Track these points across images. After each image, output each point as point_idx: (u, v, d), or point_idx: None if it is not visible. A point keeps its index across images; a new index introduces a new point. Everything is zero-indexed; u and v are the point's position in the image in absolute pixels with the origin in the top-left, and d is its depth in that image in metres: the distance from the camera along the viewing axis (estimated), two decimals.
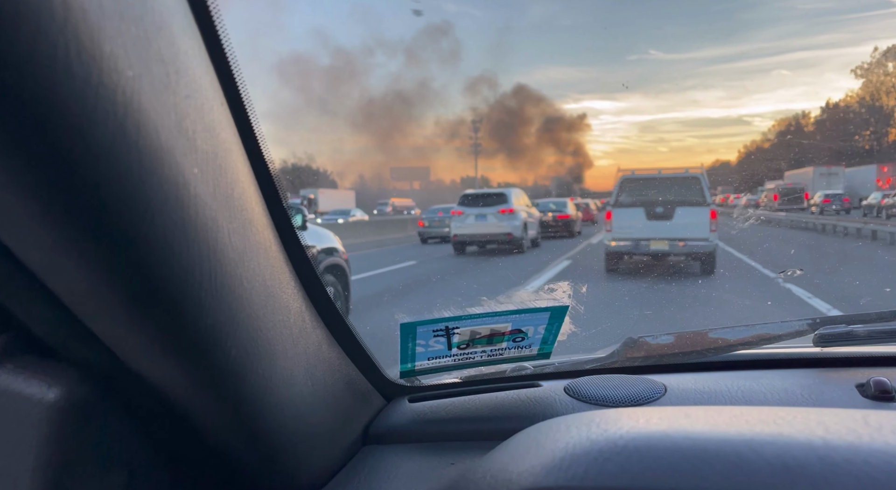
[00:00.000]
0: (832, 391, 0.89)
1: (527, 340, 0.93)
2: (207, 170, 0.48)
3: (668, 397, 0.92)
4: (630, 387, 0.94)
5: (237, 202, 0.54)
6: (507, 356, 0.95)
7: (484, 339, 0.91)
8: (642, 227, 9.72)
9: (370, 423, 0.94)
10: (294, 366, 0.68)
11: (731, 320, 1.31)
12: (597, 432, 0.48)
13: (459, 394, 0.99)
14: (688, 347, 1.04)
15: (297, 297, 0.70)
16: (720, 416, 0.48)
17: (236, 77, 0.55)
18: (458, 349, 0.91)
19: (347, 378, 0.85)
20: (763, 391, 0.90)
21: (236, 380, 0.58)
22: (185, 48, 0.46)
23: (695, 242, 9.37)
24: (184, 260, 0.46)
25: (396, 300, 8.52)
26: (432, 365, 0.92)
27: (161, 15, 0.42)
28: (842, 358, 1.00)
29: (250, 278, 0.56)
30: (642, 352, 1.05)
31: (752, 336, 1.02)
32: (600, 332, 4.41)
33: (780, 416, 0.46)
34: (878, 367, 0.97)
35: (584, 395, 0.93)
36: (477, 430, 0.91)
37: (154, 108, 0.40)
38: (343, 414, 0.84)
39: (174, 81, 0.43)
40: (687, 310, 6.77)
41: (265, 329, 0.60)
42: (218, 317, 0.52)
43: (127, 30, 0.37)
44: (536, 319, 0.90)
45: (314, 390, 0.74)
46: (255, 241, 0.58)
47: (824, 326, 0.99)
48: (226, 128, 0.53)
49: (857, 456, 0.38)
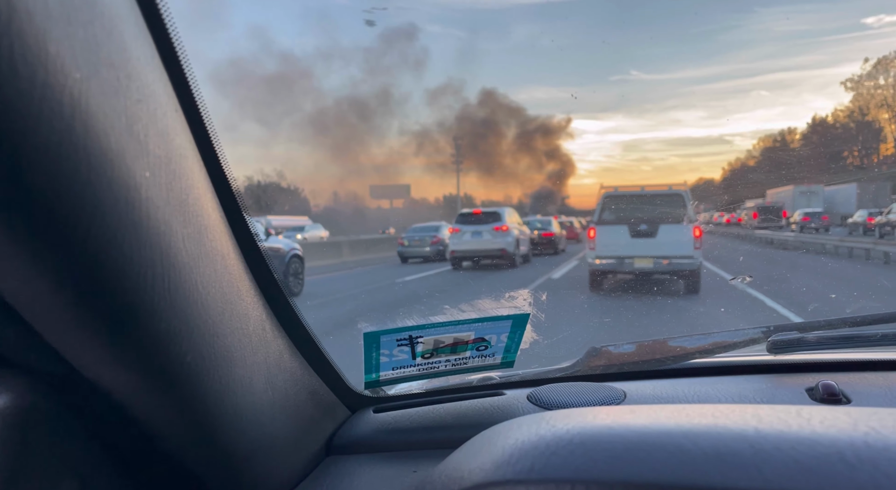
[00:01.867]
0: (783, 396, 0.91)
1: (490, 349, 0.95)
2: (160, 174, 0.49)
3: (628, 403, 0.94)
4: (591, 394, 0.96)
5: (192, 208, 0.55)
6: (470, 365, 0.96)
7: (448, 347, 0.92)
8: (626, 245, 9.65)
9: (334, 433, 0.94)
10: (253, 374, 0.68)
11: (694, 322, 1.35)
12: (545, 429, 0.49)
13: (424, 403, 1.00)
14: (648, 356, 1.06)
15: (257, 306, 0.71)
16: (662, 412, 0.50)
17: (191, 85, 0.56)
18: (423, 358, 0.92)
19: (310, 388, 0.86)
20: (718, 396, 0.93)
21: (192, 386, 0.58)
22: (137, 54, 0.47)
23: (679, 260, 9.35)
24: (134, 262, 0.47)
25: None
26: (397, 375, 0.93)
27: (111, 20, 0.44)
28: (793, 364, 1.03)
29: (206, 284, 0.56)
30: (604, 360, 1.07)
31: (709, 344, 1.05)
32: (563, 339, 4.43)
33: (718, 410, 0.48)
34: (827, 372, 1.00)
35: (546, 403, 0.95)
36: (441, 439, 0.92)
37: (103, 111, 0.41)
38: (306, 424, 0.85)
39: (125, 85, 0.44)
40: (650, 317, 7.20)
41: (222, 335, 0.61)
42: (171, 322, 0.52)
43: (74, 33, 0.39)
44: (499, 327, 0.92)
45: (274, 399, 0.74)
46: (211, 248, 0.59)
47: (777, 334, 1.02)
48: (180, 133, 0.54)
49: (786, 444, 0.40)
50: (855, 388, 0.90)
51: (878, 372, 0.99)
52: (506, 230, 16.22)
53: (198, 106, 0.57)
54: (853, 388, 0.90)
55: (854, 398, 0.87)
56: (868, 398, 0.87)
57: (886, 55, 72.05)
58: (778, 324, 1.06)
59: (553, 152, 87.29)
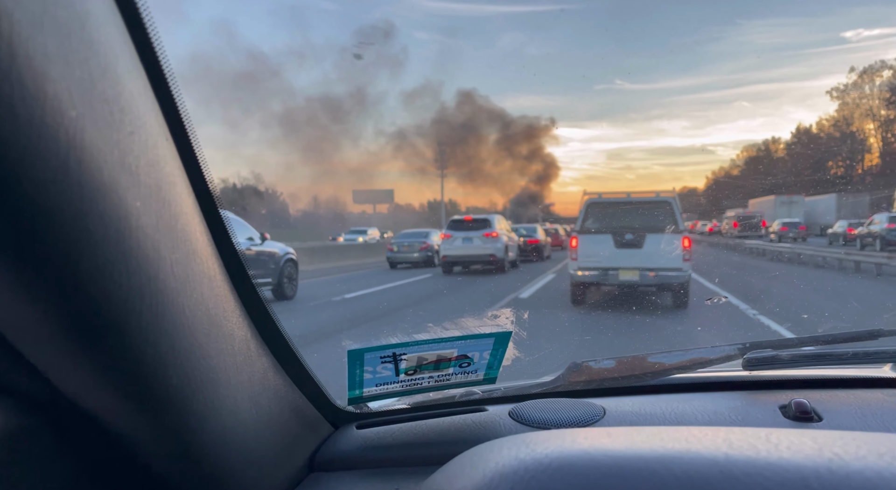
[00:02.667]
0: (757, 413, 0.94)
1: (473, 366, 0.96)
2: (150, 203, 0.50)
3: (607, 420, 0.96)
4: (571, 410, 0.98)
5: (181, 233, 0.56)
6: (453, 381, 0.98)
7: (431, 364, 0.94)
8: (610, 256, 8.95)
9: (317, 450, 0.95)
10: (238, 393, 0.69)
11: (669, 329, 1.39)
12: (525, 452, 0.51)
13: (407, 419, 1.01)
14: (627, 371, 1.08)
15: (242, 326, 0.72)
16: (638, 436, 0.52)
17: (181, 112, 0.57)
18: (406, 375, 0.93)
19: (294, 405, 0.86)
20: (694, 413, 0.95)
21: (177, 408, 0.59)
22: (130, 87, 0.48)
23: (667, 273, 8.61)
24: (124, 290, 0.48)
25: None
26: (380, 391, 0.94)
27: (106, 57, 0.45)
28: (767, 381, 1.06)
29: (193, 307, 0.58)
30: (585, 376, 1.09)
31: (687, 360, 1.07)
32: (544, 356, 4.49)
33: (692, 434, 0.50)
34: (799, 389, 1.03)
35: (527, 419, 0.97)
36: (423, 456, 0.93)
37: (97, 146, 0.42)
38: (289, 441, 0.85)
39: (118, 119, 0.45)
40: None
41: (208, 357, 0.62)
42: (159, 346, 0.53)
43: (71, 73, 0.40)
44: (481, 345, 0.93)
45: (259, 418, 0.75)
46: (199, 271, 0.60)
47: (752, 351, 1.05)
48: (170, 162, 0.55)
49: (755, 469, 0.42)
50: (826, 406, 0.93)
51: (848, 390, 1.02)
52: (495, 236, 16.84)
53: (187, 132, 0.58)
54: (824, 405, 0.92)
55: (825, 416, 0.90)
56: (838, 417, 0.90)
57: (872, 65, 71.79)
58: (753, 341, 1.09)
59: (536, 153, 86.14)
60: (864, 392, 1.00)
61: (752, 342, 1.08)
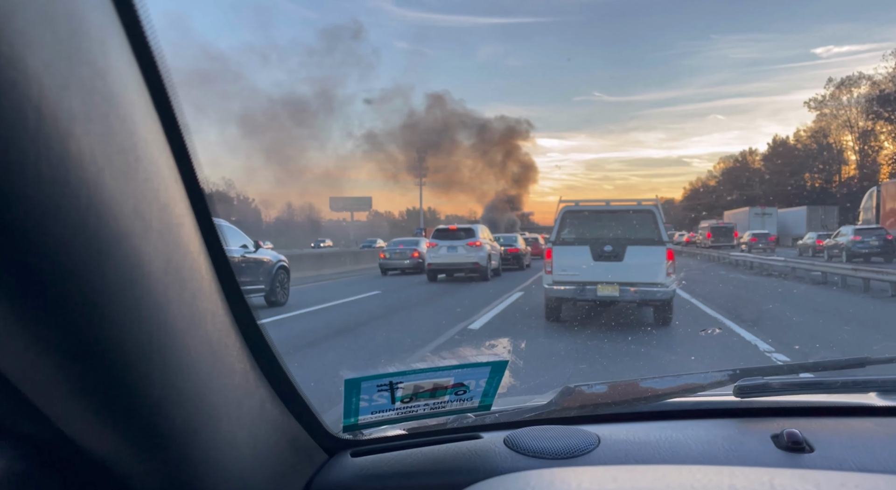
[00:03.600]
0: (750, 442, 0.95)
1: (468, 394, 0.96)
2: (161, 247, 0.50)
3: (602, 449, 0.96)
4: (566, 439, 0.98)
5: (188, 273, 0.55)
6: (449, 408, 0.98)
7: (427, 392, 0.93)
8: (588, 269, 8.16)
9: (312, 478, 0.94)
10: (237, 428, 0.69)
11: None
12: None
13: (402, 447, 1.01)
14: (620, 397, 1.09)
15: (242, 359, 0.71)
16: (644, 479, 0.52)
17: (191, 155, 0.57)
18: (402, 403, 0.93)
19: (290, 434, 0.86)
20: (688, 442, 0.96)
21: (179, 446, 0.59)
22: (145, 135, 0.48)
23: (649, 288, 7.86)
24: (132, 335, 0.47)
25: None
26: (376, 418, 0.94)
27: (125, 109, 0.45)
28: (759, 408, 1.08)
29: (197, 347, 0.57)
30: (578, 401, 1.10)
31: (679, 386, 1.08)
32: (538, 384, 4.49)
33: (696, 478, 0.51)
34: (790, 417, 1.05)
35: (522, 448, 0.97)
36: (419, 486, 0.93)
37: (114, 197, 0.42)
38: (285, 470, 0.85)
39: (133, 168, 0.45)
40: None
41: (209, 393, 0.61)
42: (164, 388, 0.53)
43: (93, 129, 0.40)
44: (478, 373, 0.93)
45: (256, 449, 0.74)
46: (204, 308, 0.59)
47: (743, 378, 1.07)
48: (179, 203, 0.55)
49: None
50: (817, 435, 0.94)
51: (838, 418, 1.04)
52: (479, 245, 17.49)
53: (195, 172, 0.58)
54: (815, 435, 0.94)
55: (816, 447, 0.91)
56: (830, 447, 0.91)
57: (850, 76, 68.27)
58: (743, 367, 1.11)
59: (512, 154, 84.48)
60: (853, 421, 1.02)
61: (743, 369, 1.10)
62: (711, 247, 40.37)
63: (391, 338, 8.05)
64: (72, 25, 0.38)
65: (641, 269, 7.95)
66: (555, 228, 8.67)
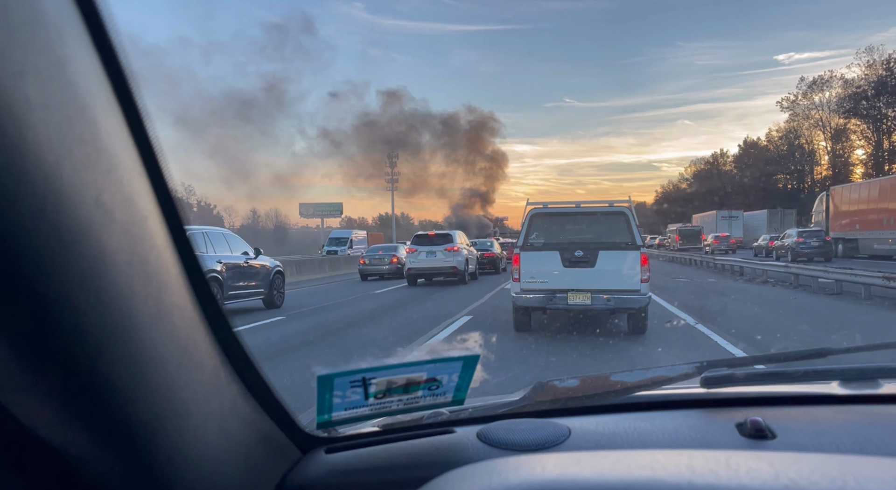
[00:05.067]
0: (715, 431, 0.98)
1: (441, 388, 0.97)
2: (124, 240, 0.49)
3: (572, 440, 0.98)
4: (537, 431, 0.99)
5: (153, 267, 0.55)
6: (422, 404, 0.98)
7: (400, 388, 0.94)
8: (558, 276, 7.66)
9: (286, 475, 0.93)
10: (207, 423, 0.68)
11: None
12: (497, 481, 0.52)
13: (376, 443, 1.01)
14: (591, 390, 1.11)
15: (212, 354, 0.71)
16: (605, 462, 0.53)
17: (155, 147, 0.57)
18: (375, 398, 0.93)
19: (262, 432, 0.85)
20: (656, 432, 0.98)
21: (147, 441, 0.58)
22: (106, 126, 0.48)
23: (623, 296, 7.41)
24: (97, 328, 0.47)
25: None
26: (349, 415, 0.94)
27: (84, 99, 0.44)
28: (724, 398, 1.11)
29: (164, 341, 0.57)
30: (550, 395, 1.11)
31: (648, 379, 1.11)
32: (510, 378, 4.65)
33: (656, 459, 0.52)
34: (754, 406, 1.08)
35: (495, 441, 0.98)
36: (392, 480, 0.93)
37: (73, 187, 0.42)
38: (258, 468, 0.84)
39: (94, 159, 0.45)
40: None
41: (178, 389, 0.61)
42: (130, 382, 0.52)
43: (50, 118, 0.40)
44: (450, 368, 0.94)
45: (227, 446, 0.74)
46: (170, 303, 0.59)
47: (709, 370, 1.09)
48: (144, 197, 0.55)
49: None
50: (780, 423, 0.97)
51: (800, 407, 1.07)
52: (456, 250, 18.29)
53: (160, 166, 0.58)
54: (778, 423, 0.97)
55: (779, 434, 0.94)
56: (791, 434, 0.94)
57: (822, 75, 66.99)
58: (710, 360, 1.14)
59: (479, 148, 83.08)
60: (814, 409, 1.05)
61: (709, 361, 1.13)
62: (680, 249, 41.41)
63: (382, 334, 8.53)
64: (26, 13, 0.38)
65: (614, 276, 7.48)
66: (522, 232, 8.09)
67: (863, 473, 0.45)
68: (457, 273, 18.05)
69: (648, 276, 7.56)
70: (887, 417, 0.99)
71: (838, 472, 0.46)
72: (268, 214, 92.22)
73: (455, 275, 18.08)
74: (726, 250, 36.88)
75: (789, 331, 8.50)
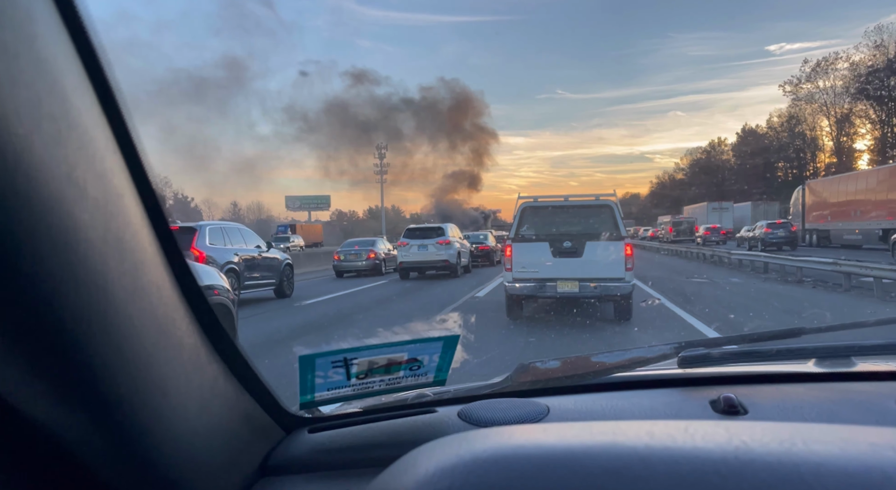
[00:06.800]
0: (689, 408, 1.00)
1: (423, 369, 0.98)
2: (97, 215, 0.50)
3: (550, 418, 1.00)
4: (517, 409, 1.01)
5: (128, 244, 0.56)
6: (404, 384, 1.00)
7: (382, 368, 0.95)
8: (548, 266, 8.16)
9: (269, 454, 0.95)
10: (187, 401, 0.69)
11: None
12: (465, 449, 0.53)
13: (359, 422, 1.02)
14: (571, 371, 1.13)
15: (191, 333, 0.72)
16: (570, 431, 0.55)
17: (129, 125, 0.58)
18: (357, 379, 0.94)
19: (245, 411, 0.87)
20: (631, 409, 1.01)
21: (125, 417, 0.59)
22: (78, 104, 0.49)
23: (608, 283, 7.92)
24: (71, 302, 0.48)
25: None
26: (332, 395, 0.95)
27: (53, 76, 0.45)
28: (700, 378, 1.13)
29: (141, 317, 0.58)
30: (531, 376, 1.14)
31: (627, 360, 1.13)
32: (490, 358, 4.74)
33: (619, 428, 0.54)
34: (729, 385, 1.10)
35: (475, 419, 1.00)
36: (374, 458, 0.94)
37: (44, 162, 0.43)
38: (240, 447, 0.85)
39: (65, 136, 0.46)
40: None
41: (157, 365, 0.62)
42: (106, 357, 0.53)
43: (19, 93, 0.40)
44: (431, 348, 0.96)
45: (209, 425, 0.75)
46: (148, 281, 0.60)
47: (686, 350, 1.12)
48: (117, 174, 0.56)
49: (671, 458, 0.46)
50: (752, 399, 0.99)
51: (772, 384, 1.10)
52: (448, 243, 18.13)
53: (135, 144, 0.59)
54: (750, 399, 0.99)
55: (750, 409, 0.96)
56: (762, 409, 0.96)
57: (826, 57, 64.15)
58: (688, 340, 1.16)
59: (465, 125, 77.17)
60: (787, 387, 1.08)
61: (687, 341, 1.15)
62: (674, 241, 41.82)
63: (393, 316, 8.63)
64: None
65: (600, 265, 7.98)
66: (514, 225, 8.61)
67: (812, 437, 0.47)
68: (449, 266, 17.91)
69: (632, 265, 8.05)
70: (856, 394, 1.01)
71: (788, 435, 0.47)
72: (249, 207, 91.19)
73: (447, 268, 17.96)
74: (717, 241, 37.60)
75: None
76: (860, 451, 0.44)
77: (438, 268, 18.07)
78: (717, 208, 53.44)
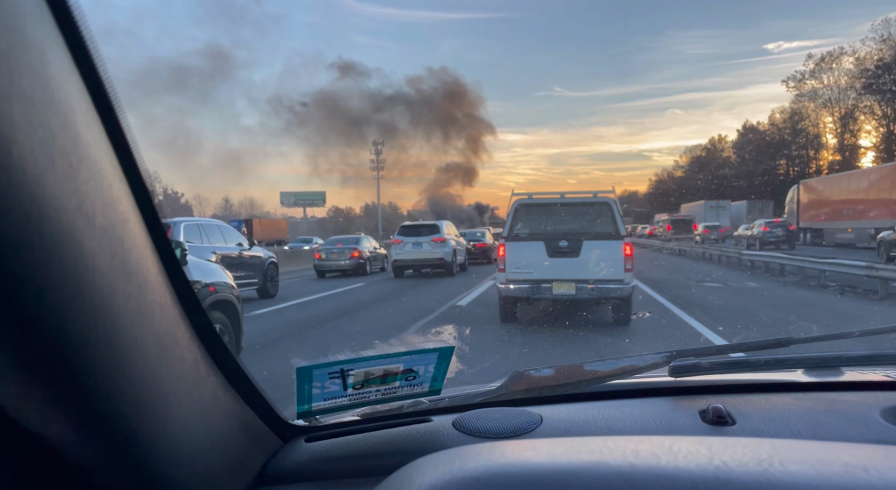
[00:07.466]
0: (679, 418, 1.02)
1: (418, 379, 1.00)
2: (105, 243, 0.52)
3: (543, 427, 1.02)
4: (511, 419, 1.03)
5: (133, 268, 0.58)
6: (400, 394, 1.02)
7: (378, 378, 0.97)
8: (543, 266, 7.72)
9: (266, 464, 0.97)
10: (188, 414, 0.71)
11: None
12: (458, 466, 0.55)
13: (355, 431, 1.04)
14: (564, 380, 1.15)
15: (192, 348, 0.74)
16: (559, 448, 0.57)
17: (135, 154, 0.59)
18: (354, 389, 0.97)
19: (243, 422, 0.89)
20: (623, 419, 1.03)
21: (129, 432, 0.61)
22: (87, 137, 0.51)
23: (606, 285, 7.49)
24: (80, 327, 0.50)
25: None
26: (329, 405, 0.97)
27: (66, 114, 0.47)
28: (690, 387, 1.16)
29: (145, 336, 0.60)
30: (525, 384, 1.16)
31: (619, 368, 1.15)
32: (484, 369, 4.71)
33: (606, 445, 0.56)
34: (718, 394, 1.12)
35: (469, 429, 1.02)
36: (370, 467, 0.96)
37: (56, 196, 0.45)
38: (238, 456, 0.87)
39: (76, 169, 0.48)
40: None
41: (159, 382, 0.64)
42: (112, 376, 0.55)
43: (34, 134, 0.42)
44: (426, 359, 0.98)
45: (208, 436, 0.77)
46: (151, 301, 0.62)
47: (677, 359, 1.14)
48: (124, 201, 0.57)
49: (654, 477, 0.48)
50: (740, 409, 1.02)
51: (761, 394, 1.12)
52: (443, 241, 17.83)
53: (139, 170, 0.60)
54: (739, 409, 1.02)
55: (738, 420, 0.98)
56: (750, 420, 0.99)
57: (832, 51, 62.20)
58: (679, 349, 1.18)
59: (458, 115, 76.13)
60: (775, 396, 1.10)
61: (678, 350, 1.17)
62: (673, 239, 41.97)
63: (381, 319, 8.73)
64: (12, 39, 0.41)
65: (598, 265, 7.54)
66: (507, 223, 8.10)
67: (788, 455, 0.49)
68: (444, 265, 17.62)
69: (632, 266, 7.61)
70: (843, 403, 1.04)
71: (767, 454, 0.50)
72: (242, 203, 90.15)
73: (442, 266, 17.65)
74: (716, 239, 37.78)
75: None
76: (833, 471, 0.46)
77: (433, 266, 17.74)
78: (714, 207, 53.58)
